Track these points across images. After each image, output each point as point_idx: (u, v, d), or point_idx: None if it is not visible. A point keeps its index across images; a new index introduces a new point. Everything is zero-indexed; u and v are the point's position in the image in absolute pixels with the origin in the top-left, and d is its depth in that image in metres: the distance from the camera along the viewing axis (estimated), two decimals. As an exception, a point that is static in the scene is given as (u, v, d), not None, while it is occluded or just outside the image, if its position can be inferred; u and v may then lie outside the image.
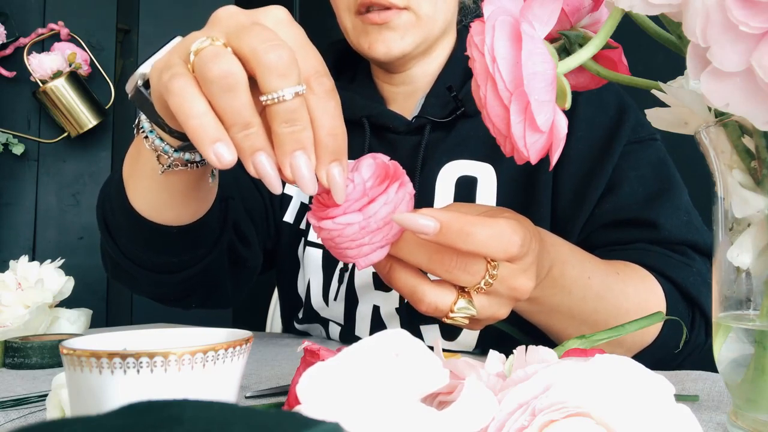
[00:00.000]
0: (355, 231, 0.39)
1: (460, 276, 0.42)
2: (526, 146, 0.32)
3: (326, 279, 0.80)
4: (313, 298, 0.81)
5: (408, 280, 0.43)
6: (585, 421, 0.26)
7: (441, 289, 0.43)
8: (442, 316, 0.43)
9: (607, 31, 0.34)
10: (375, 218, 0.39)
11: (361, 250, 0.40)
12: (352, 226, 0.38)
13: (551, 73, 0.31)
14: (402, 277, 0.43)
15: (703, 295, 0.64)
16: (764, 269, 0.36)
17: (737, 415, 0.38)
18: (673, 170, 0.73)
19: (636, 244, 0.67)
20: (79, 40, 1.96)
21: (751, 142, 0.36)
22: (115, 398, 0.29)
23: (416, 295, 0.43)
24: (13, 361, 0.66)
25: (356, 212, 0.39)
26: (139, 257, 0.63)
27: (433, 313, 0.43)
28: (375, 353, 0.27)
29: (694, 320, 0.65)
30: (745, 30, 0.26)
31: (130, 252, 0.63)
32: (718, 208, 0.39)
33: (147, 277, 0.65)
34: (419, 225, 0.38)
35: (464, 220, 0.39)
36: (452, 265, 0.41)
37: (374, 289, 0.77)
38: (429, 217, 0.39)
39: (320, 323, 0.84)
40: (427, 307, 0.43)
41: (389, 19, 0.71)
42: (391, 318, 0.76)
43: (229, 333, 0.36)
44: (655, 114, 0.41)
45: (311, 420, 0.17)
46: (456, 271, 0.41)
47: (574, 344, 0.41)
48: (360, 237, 0.39)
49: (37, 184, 1.95)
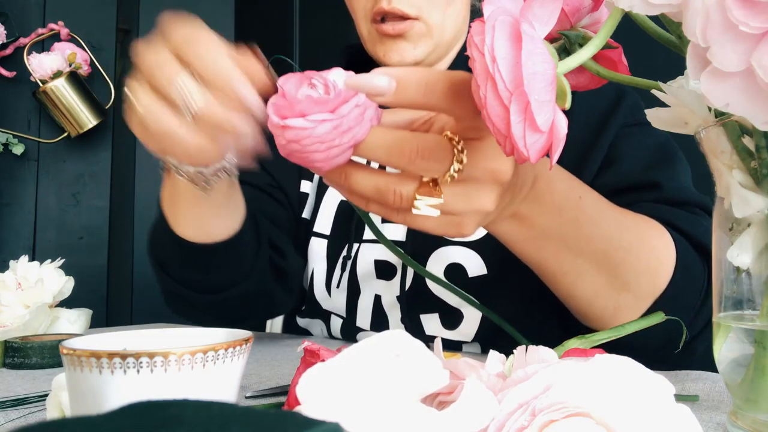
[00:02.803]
0: (327, 130, 0.35)
1: (425, 164, 0.38)
2: (526, 146, 0.32)
3: (330, 267, 0.81)
4: (316, 287, 0.82)
5: (368, 179, 0.39)
6: (585, 421, 0.26)
7: (404, 177, 0.39)
8: (408, 206, 0.39)
9: (607, 31, 0.34)
10: (348, 118, 0.36)
11: (330, 152, 0.36)
12: (324, 124, 0.35)
13: (551, 73, 0.31)
14: (362, 178, 0.39)
15: None
16: (764, 269, 0.36)
17: (737, 415, 0.38)
18: (675, 149, 0.71)
19: (639, 204, 0.63)
20: (79, 40, 1.96)
21: (751, 142, 0.36)
22: (115, 398, 0.29)
23: (380, 189, 0.39)
24: (13, 361, 0.66)
25: (328, 112, 0.36)
26: (192, 281, 0.69)
27: (401, 203, 0.39)
28: (375, 354, 0.27)
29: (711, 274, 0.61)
30: (745, 30, 0.26)
31: (184, 279, 0.69)
32: (718, 208, 0.39)
33: (202, 300, 0.70)
34: (374, 85, 0.35)
35: (422, 71, 0.36)
36: (413, 153, 0.37)
37: (376, 278, 0.77)
38: (382, 75, 0.35)
39: (321, 318, 0.85)
40: (394, 196, 0.39)
41: (404, 31, 0.74)
42: (392, 307, 0.77)
43: (229, 333, 0.36)
44: (655, 114, 0.41)
45: (311, 420, 0.17)
46: (419, 160, 0.37)
47: (574, 344, 0.41)
48: (330, 138, 0.36)
49: (37, 184, 1.95)
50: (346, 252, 0.80)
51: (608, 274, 0.53)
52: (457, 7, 0.77)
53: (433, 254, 0.74)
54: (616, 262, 0.52)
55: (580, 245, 0.51)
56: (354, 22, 0.80)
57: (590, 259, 0.52)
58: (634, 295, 0.55)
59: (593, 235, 0.51)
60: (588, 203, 0.51)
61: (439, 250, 0.74)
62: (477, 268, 0.73)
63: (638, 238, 0.55)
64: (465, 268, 0.73)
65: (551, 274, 0.54)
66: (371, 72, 0.36)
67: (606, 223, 0.52)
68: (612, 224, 0.53)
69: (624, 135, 0.72)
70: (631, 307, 0.55)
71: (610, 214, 0.53)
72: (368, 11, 0.75)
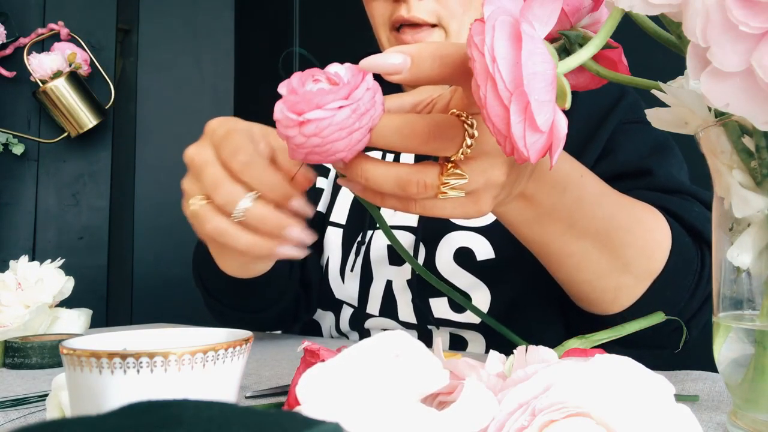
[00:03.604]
0: (347, 115, 0.35)
1: (439, 144, 0.38)
2: (526, 146, 0.32)
3: (344, 254, 0.84)
4: (330, 274, 0.85)
5: (388, 171, 0.39)
6: (585, 421, 0.26)
7: (424, 166, 0.40)
8: (435, 192, 0.40)
9: (607, 31, 0.34)
10: (363, 101, 0.36)
11: (351, 138, 0.36)
12: (342, 110, 0.35)
13: (551, 73, 0.31)
14: (381, 173, 0.39)
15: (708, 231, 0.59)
16: (764, 269, 0.36)
17: (737, 415, 0.38)
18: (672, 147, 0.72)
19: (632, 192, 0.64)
20: (79, 40, 1.96)
21: (751, 142, 0.36)
22: (115, 398, 0.29)
23: (402, 180, 0.39)
24: (13, 361, 0.66)
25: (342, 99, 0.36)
26: (234, 304, 0.77)
27: (425, 190, 0.39)
28: (375, 354, 0.27)
29: (704, 257, 0.60)
30: (745, 30, 0.26)
31: (227, 302, 0.77)
32: (718, 208, 0.39)
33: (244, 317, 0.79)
34: (390, 63, 0.36)
35: (435, 45, 0.37)
36: (426, 133, 0.38)
37: (389, 264, 0.80)
38: (397, 53, 0.36)
39: (333, 309, 0.87)
40: (417, 186, 0.39)
41: (423, 40, 0.75)
42: (403, 291, 0.79)
43: (229, 333, 0.36)
44: (655, 114, 0.41)
45: (311, 420, 0.17)
46: (432, 141, 0.38)
47: (574, 344, 0.41)
48: (350, 123, 0.36)
49: (37, 184, 1.95)
50: (361, 238, 0.83)
51: (610, 254, 0.53)
52: (474, 15, 0.79)
53: (443, 239, 0.76)
54: (617, 243, 0.53)
55: (584, 224, 0.51)
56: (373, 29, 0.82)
57: (593, 239, 0.52)
58: (633, 276, 0.56)
59: (595, 214, 0.52)
60: (589, 182, 0.52)
61: (448, 235, 0.76)
62: (485, 252, 0.74)
63: (637, 219, 0.55)
64: (474, 252, 0.75)
65: (556, 257, 0.55)
66: (385, 51, 0.36)
67: (606, 202, 0.53)
68: (612, 204, 0.53)
69: (622, 131, 0.74)
70: (631, 289, 0.56)
71: (609, 194, 0.54)
72: (387, 19, 0.77)
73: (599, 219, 0.52)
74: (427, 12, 0.74)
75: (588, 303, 0.59)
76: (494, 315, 0.74)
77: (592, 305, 0.59)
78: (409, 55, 0.36)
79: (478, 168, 0.40)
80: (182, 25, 2.13)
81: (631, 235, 0.54)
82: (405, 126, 0.38)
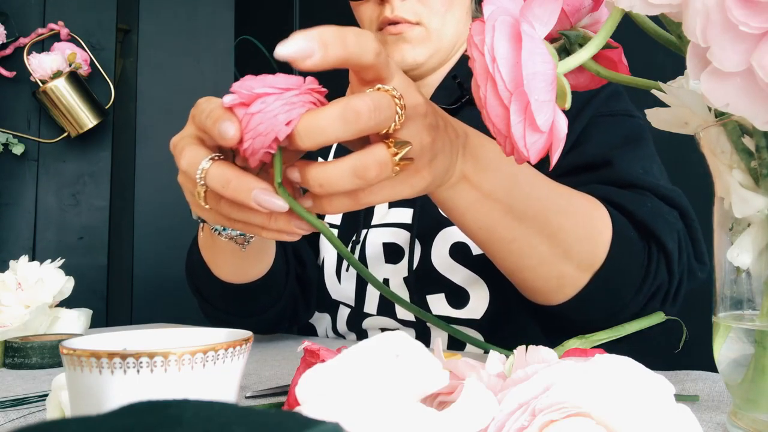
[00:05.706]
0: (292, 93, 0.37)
1: (377, 117, 0.38)
2: (526, 146, 0.32)
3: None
4: (326, 275, 0.86)
5: (341, 166, 0.40)
6: (585, 421, 0.26)
7: (369, 148, 0.40)
8: (391, 164, 0.40)
9: (607, 31, 0.34)
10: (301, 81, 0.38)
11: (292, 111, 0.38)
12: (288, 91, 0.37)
13: (551, 73, 0.31)
14: (335, 171, 0.40)
15: (660, 229, 0.61)
16: (764, 269, 0.36)
17: (737, 415, 0.38)
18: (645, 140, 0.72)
19: (585, 186, 0.64)
20: (79, 40, 1.95)
21: (751, 142, 0.36)
22: (115, 398, 0.29)
23: (358, 168, 0.39)
24: (13, 361, 0.66)
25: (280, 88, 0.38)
26: (230, 309, 0.77)
27: (382, 169, 0.40)
28: (375, 354, 0.27)
29: (651, 253, 0.61)
30: (745, 30, 0.26)
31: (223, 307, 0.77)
32: (718, 208, 0.39)
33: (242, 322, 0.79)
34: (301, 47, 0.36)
35: (331, 28, 0.37)
36: (368, 110, 0.38)
37: (385, 262, 0.81)
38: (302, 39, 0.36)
39: (329, 311, 0.87)
40: (373, 166, 0.39)
41: (402, 30, 0.79)
42: (400, 289, 0.79)
43: (229, 333, 0.36)
44: (655, 114, 0.41)
45: (311, 420, 0.17)
46: (375, 116, 0.38)
47: (574, 344, 0.41)
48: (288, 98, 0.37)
49: (37, 184, 1.95)
50: (356, 237, 0.84)
51: (549, 240, 0.54)
52: (455, 14, 0.82)
53: (438, 235, 0.77)
54: (555, 227, 0.54)
55: (523, 206, 0.52)
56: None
57: (532, 223, 0.53)
58: (575, 265, 0.56)
59: (531, 195, 0.53)
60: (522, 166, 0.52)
61: (444, 231, 0.77)
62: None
63: (574, 205, 0.56)
64: (470, 247, 0.76)
65: (499, 244, 0.55)
66: (289, 38, 0.36)
67: (541, 183, 0.54)
68: (547, 186, 0.55)
69: (594, 123, 0.74)
70: (574, 278, 0.57)
71: (543, 177, 0.55)
72: (374, 20, 0.81)
73: (535, 200, 0.53)
74: (410, 12, 0.78)
75: (533, 292, 0.60)
76: (493, 309, 0.75)
77: (538, 294, 0.59)
78: (316, 39, 0.36)
79: (408, 134, 0.41)
80: (182, 25, 2.13)
81: (570, 220, 0.55)
82: (346, 109, 0.38)
